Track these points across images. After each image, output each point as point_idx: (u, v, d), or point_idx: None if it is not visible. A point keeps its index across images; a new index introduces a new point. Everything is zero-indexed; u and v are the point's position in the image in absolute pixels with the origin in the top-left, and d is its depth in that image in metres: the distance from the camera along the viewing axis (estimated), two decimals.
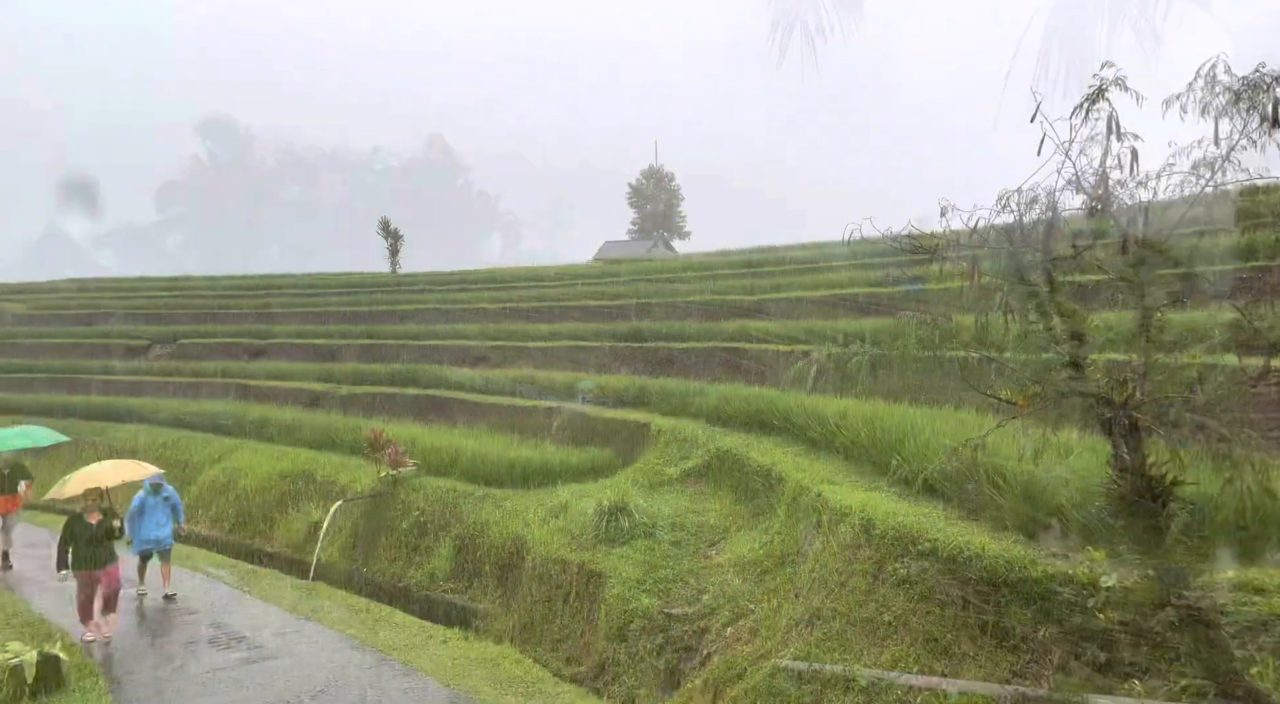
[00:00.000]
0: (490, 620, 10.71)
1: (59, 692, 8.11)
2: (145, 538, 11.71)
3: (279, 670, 8.68)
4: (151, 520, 11.73)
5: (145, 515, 11.73)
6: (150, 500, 11.82)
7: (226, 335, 28.77)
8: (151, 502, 11.82)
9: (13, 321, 34.86)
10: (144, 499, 11.84)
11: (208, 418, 20.69)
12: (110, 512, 10.23)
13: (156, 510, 11.81)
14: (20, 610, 10.98)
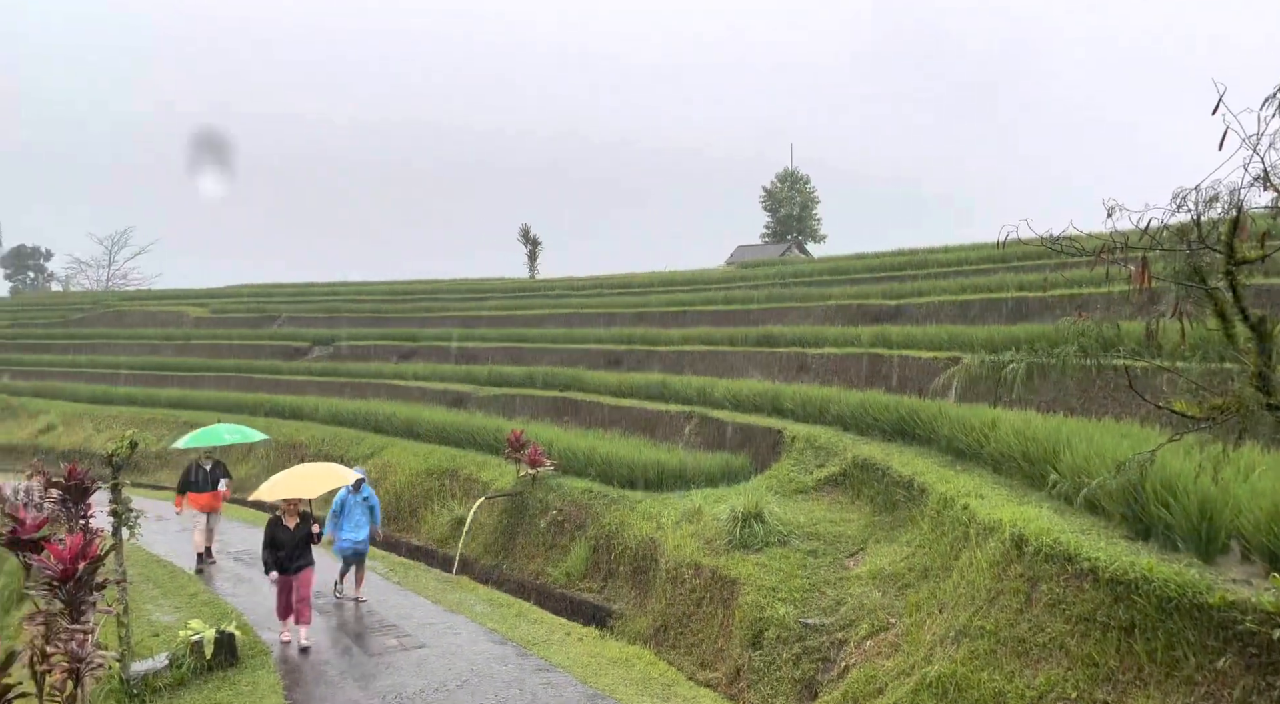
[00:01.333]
0: (625, 621, 10.85)
1: (233, 667, 8.80)
2: (344, 538, 11.43)
3: (428, 659, 9.10)
4: (351, 521, 11.43)
5: (345, 515, 11.46)
6: (350, 499, 11.51)
7: (379, 338, 30.42)
8: (352, 500, 11.50)
9: (194, 324, 38.08)
10: (345, 497, 11.54)
11: (361, 416, 21.91)
12: (308, 516, 10.07)
13: (355, 510, 11.50)
14: (199, 591, 11.95)
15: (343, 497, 11.47)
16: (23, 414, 30.60)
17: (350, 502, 11.42)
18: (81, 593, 7.16)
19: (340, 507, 11.43)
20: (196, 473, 13.68)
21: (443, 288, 38.89)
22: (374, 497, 11.85)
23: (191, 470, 13.76)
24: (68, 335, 41.66)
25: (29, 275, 72.27)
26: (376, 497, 12.03)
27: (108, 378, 32.69)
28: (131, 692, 8.11)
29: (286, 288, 45.00)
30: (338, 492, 11.51)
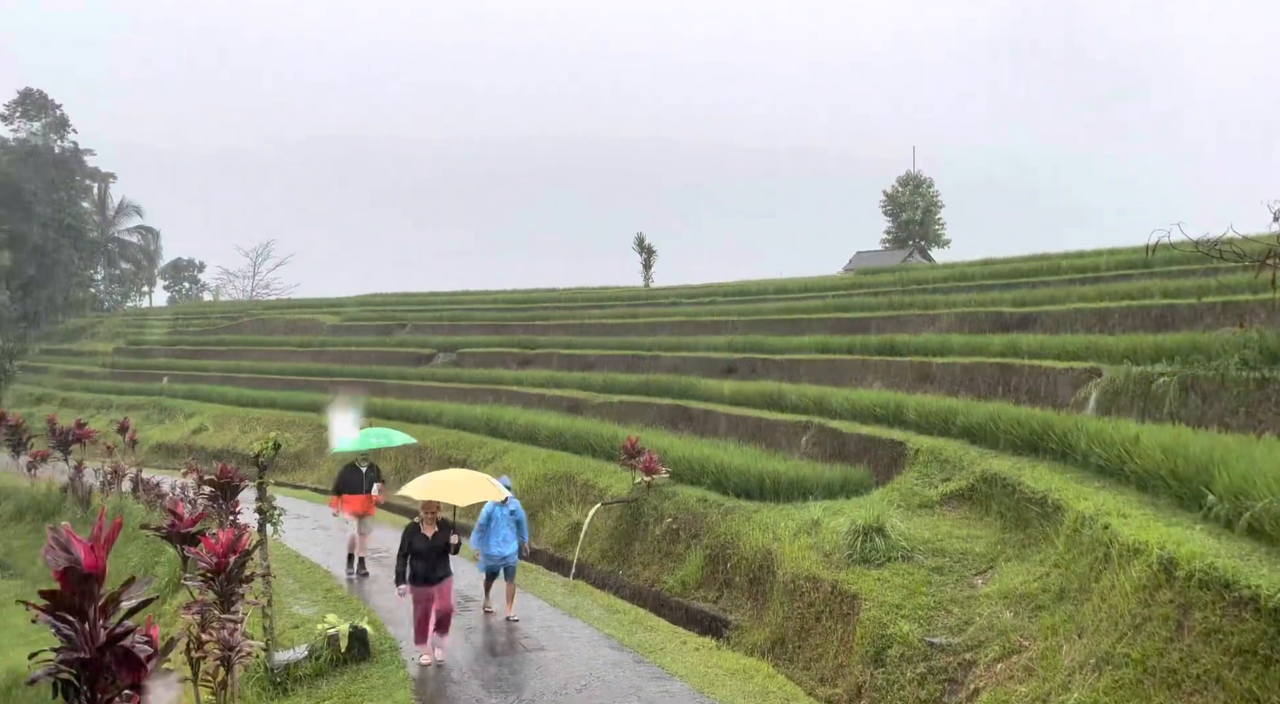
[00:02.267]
0: (741, 632, 10.76)
1: (365, 661, 9.22)
2: (491, 553, 10.90)
3: (548, 662, 9.28)
4: (498, 535, 10.86)
5: (492, 529, 10.90)
6: (498, 512, 10.94)
7: (499, 345, 31.30)
8: (499, 514, 10.94)
9: (328, 331, 40.21)
10: (492, 510, 10.96)
11: (482, 421, 22.58)
12: (447, 524, 9.50)
13: (502, 524, 10.92)
14: (334, 587, 12.58)
15: (490, 509, 10.98)
16: (179, 415, 33.04)
17: (497, 515, 10.94)
18: (232, 585, 7.66)
19: (487, 520, 10.94)
20: (352, 475, 13.38)
21: (559, 296, 39.70)
22: (521, 510, 11.33)
23: (347, 472, 13.47)
24: (218, 342, 44.72)
25: (185, 286, 78.06)
26: (523, 510, 11.51)
27: (252, 382, 34.89)
28: (275, 680, 8.61)
29: (412, 297, 46.91)
30: (483, 505, 10.98)
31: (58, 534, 4.66)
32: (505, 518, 10.92)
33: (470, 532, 11.24)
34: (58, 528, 4.56)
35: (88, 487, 21.95)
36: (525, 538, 11.31)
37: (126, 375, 41.68)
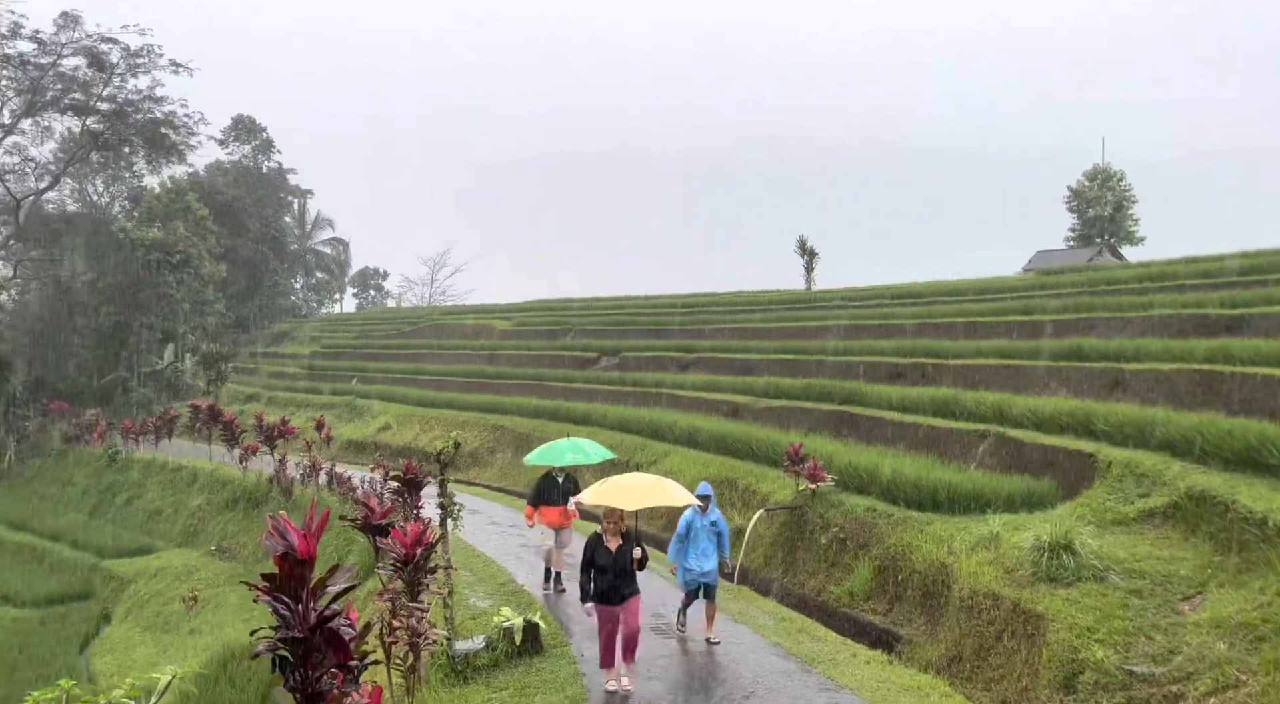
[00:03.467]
0: (914, 647, 10.36)
1: (538, 655, 9.55)
2: (688, 567, 9.90)
3: (714, 667, 9.28)
4: (696, 548, 9.89)
5: (691, 541, 9.94)
6: (698, 523, 9.93)
7: (660, 349, 31.67)
8: (699, 524, 9.92)
9: (500, 336, 42.07)
10: (691, 520, 9.97)
11: (645, 424, 22.91)
12: (631, 536, 8.67)
13: (702, 536, 9.92)
14: (508, 581, 13.11)
15: (689, 519, 9.99)
16: (366, 414, 35.53)
17: (697, 525, 9.91)
18: (419, 575, 8.14)
19: (686, 531, 9.95)
20: (548, 485, 12.42)
21: (719, 300, 39.71)
22: (722, 521, 10.21)
23: (544, 482, 12.46)
24: (401, 345, 47.78)
25: (370, 293, 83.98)
26: (725, 521, 10.36)
27: (431, 384, 37.03)
28: (456, 667, 9.09)
29: (577, 302, 48.28)
30: (683, 513, 10.13)
31: (276, 523, 5.12)
32: (705, 529, 9.93)
33: (668, 545, 10.37)
34: (276, 517, 5.00)
35: (290, 479, 23.99)
36: (726, 552, 10.24)
37: (322, 377, 45.27)
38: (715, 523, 10.06)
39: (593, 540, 8.63)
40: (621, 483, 9.16)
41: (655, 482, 9.31)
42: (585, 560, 8.58)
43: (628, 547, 8.53)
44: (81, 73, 47.97)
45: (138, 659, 17.73)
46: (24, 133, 49.89)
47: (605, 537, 8.54)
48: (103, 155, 52.69)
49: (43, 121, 50.17)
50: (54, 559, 26.76)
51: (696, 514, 9.95)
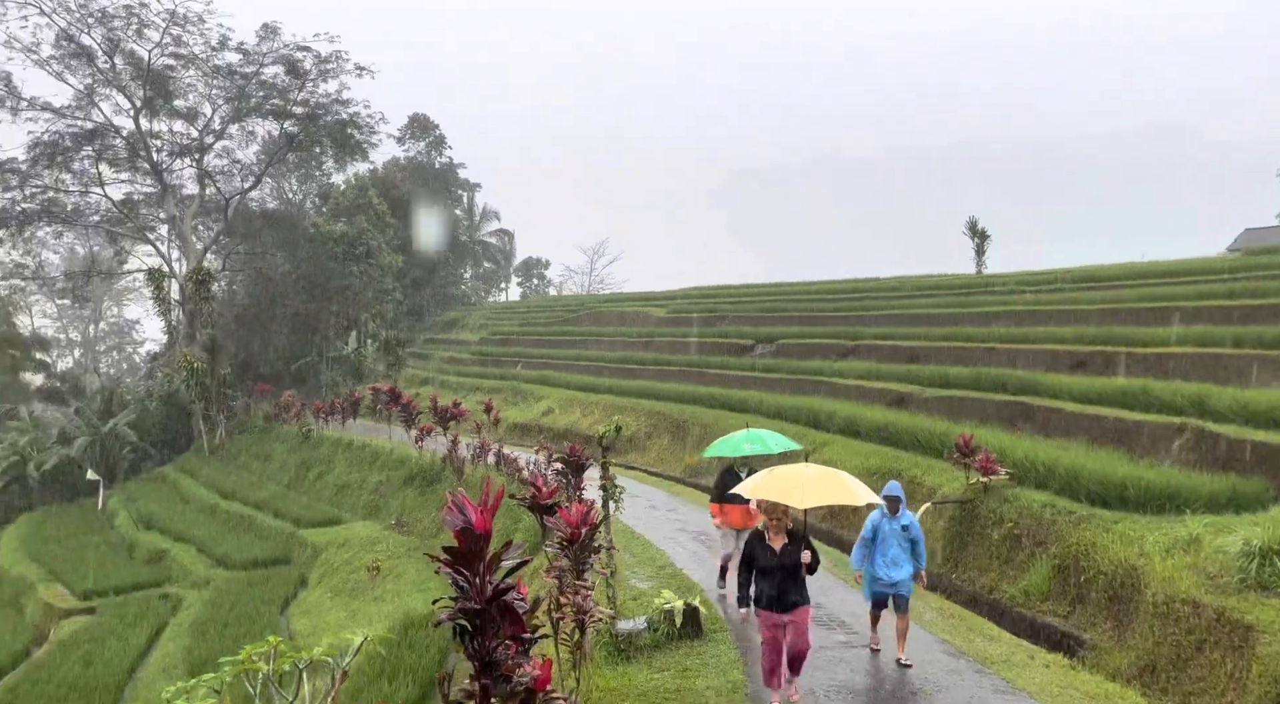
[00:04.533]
0: (1099, 653, 9.69)
1: (698, 638, 9.63)
2: (876, 576, 8.84)
3: (877, 660, 9.04)
4: (885, 555, 8.79)
5: (878, 546, 8.87)
6: (886, 526, 8.83)
7: (819, 337, 31.03)
8: (887, 528, 8.82)
9: (656, 323, 42.55)
10: (879, 523, 8.88)
11: (803, 413, 22.55)
12: (799, 537, 7.73)
13: (891, 541, 8.82)
14: (666, 564, 13.28)
15: (876, 521, 8.91)
16: (530, 398, 36.91)
17: (885, 529, 8.83)
18: (584, 554, 8.38)
19: (872, 534, 8.89)
20: (731, 481, 11.07)
21: (881, 286, 38.42)
22: (916, 525, 9.05)
23: (727, 477, 11.31)
24: (561, 332, 49.28)
25: (533, 282, 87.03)
26: (919, 525, 9.21)
27: (590, 369, 38.00)
28: (619, 646, 9.31)
29: (731, 289, 48.07)
30: (868, 515, 9.12)
31: (455, 499, 5.42)
32: (895, 534, 8.81)
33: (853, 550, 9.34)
34: (455, 493, 5.28)
35: (461, 458, 25.30)
36: (922, 562, 8.99)
37: (489, 362, 47.42)
38: (908, 527, 8.90)
39: (754, 537, 7.84)
40: (790, 475, 7.99)
41: (829, 476, 8.02)
42: (744, 560, 7.79)
43: (795, 547, 7.56)
44: (280, 79, 52.20)
45: (329, 621, 19.26)
46: (231, 137, 54.98)
47: (768, 533, 7.69)
48: (297, 156, 57.19)
49: (247, 126, 55.02)
50: (258, 527, 29.48)
51: (884, 516, 8.86)
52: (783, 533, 7.65)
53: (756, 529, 7.91)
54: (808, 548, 7.63)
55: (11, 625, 24.78)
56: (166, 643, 20.53)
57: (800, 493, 7.66)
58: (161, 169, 51.65)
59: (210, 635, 19.52)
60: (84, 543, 32.35)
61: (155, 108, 50.75)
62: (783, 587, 7.52)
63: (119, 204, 52.60)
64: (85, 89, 49.08)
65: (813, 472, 7.99)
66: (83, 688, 17.75)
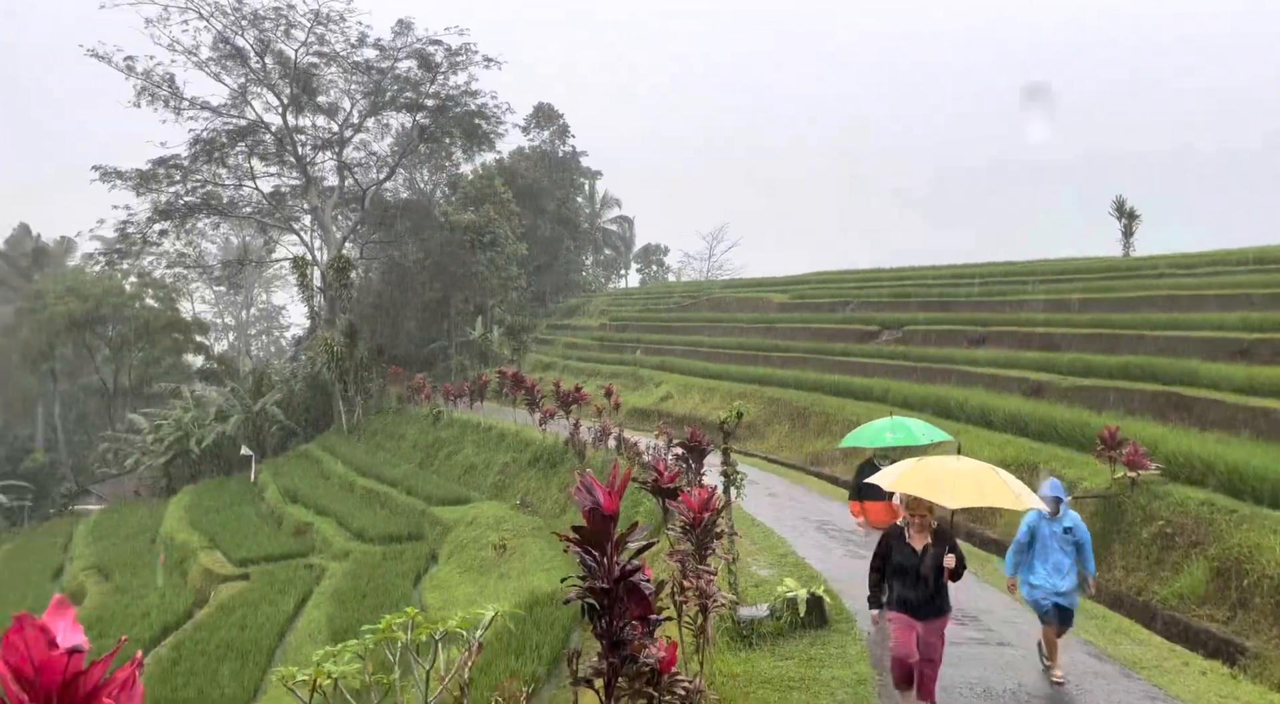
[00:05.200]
0: (1264, 663, 8.97)
1: (822, 628, 9.47)
2: (1035, 585, 7.99)
3: (1012, 658, 8.66)
4: (1046, 561, 7.91)
5: (1038, 552, 8.00)
6: (1046, 529, 7.99)
7: (949, 323, 29.89)
8: (1047, 531, 7.98)
9: (776, 309, 42.04)
10: (1037, 524, 8.05)
11: (931, 401, 21.78)
12: (944, 536, 7.01)
13: (1052, 546, 7.93)
14: (788, 552, 13.13)
15: (1033, 523, 8.08)
16: (649, 383, 37.19)
17: (1045, 532, 7.97)
18: (706, 538, 8.37)
19: (1029, 537, 8.06)
20: (872, 474, 9.81)
21: (1017, 270, 36.60)
22: (1082, 527, 8.08)
23: (867, 471, 10.41)
24: (680, 318, 49.39)
25: (652, 269, 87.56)
26: (1085, 528, 8.19)
27: (709, 355, 37.92)
28: (741, 632, 9.27)
29: (856, 274, 46.91)
30: (1024, 516, 8.25)
31: (584, 480, 5.50)
32: (1057, 537, 7.92)
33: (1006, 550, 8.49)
34: (584, 474, 5.35)
35: (583, 442, 25.75)
36: (1091, 569, 8.09)
37: (609, 347, 48.05)
38: (1071, 529, 7.93)
39: (890, 533, 7.13)
40: (938, 469, 7.11)
41: (983, 473, 7.05)
42: (877, 556, 7.11)
43: (938, 548, 6.81)
44: (412, 73, 54.31)
45: (458, 596, 20.05)
46: (368, 130, 57.71)
47: (909, 530, 6.97)
48: (428, 147, 59.39)
49: (382, 119, 57.56)
50: (392, 503, 30.96)
51: (1043, 518, 7.99)
52: (926, 531, 6.91)
53: (895, 525, 7.20)
54: (952, 551, 6.88)
55: (177, 588, 26.96)
56: (311, 610, 21.87)
57: (950, 491, 6.76)
58: (305, 162, 54.72)
59: (350, 604, 20.66)
60: (238, 514, 34.86)
61: (300, 104, 53.75)
62: (920, 591, 6.83)
63: (268, 196, 56.13)
64: (239, 88, 52.54)
65: (965, 466, 7.07)
66: (239, 649, 19.15)
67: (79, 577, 30.82)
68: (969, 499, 6.85)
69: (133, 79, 50.56)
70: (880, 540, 7.21)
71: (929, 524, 6.95)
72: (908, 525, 7.03)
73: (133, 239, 54.42)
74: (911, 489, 6.92)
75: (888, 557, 7.04)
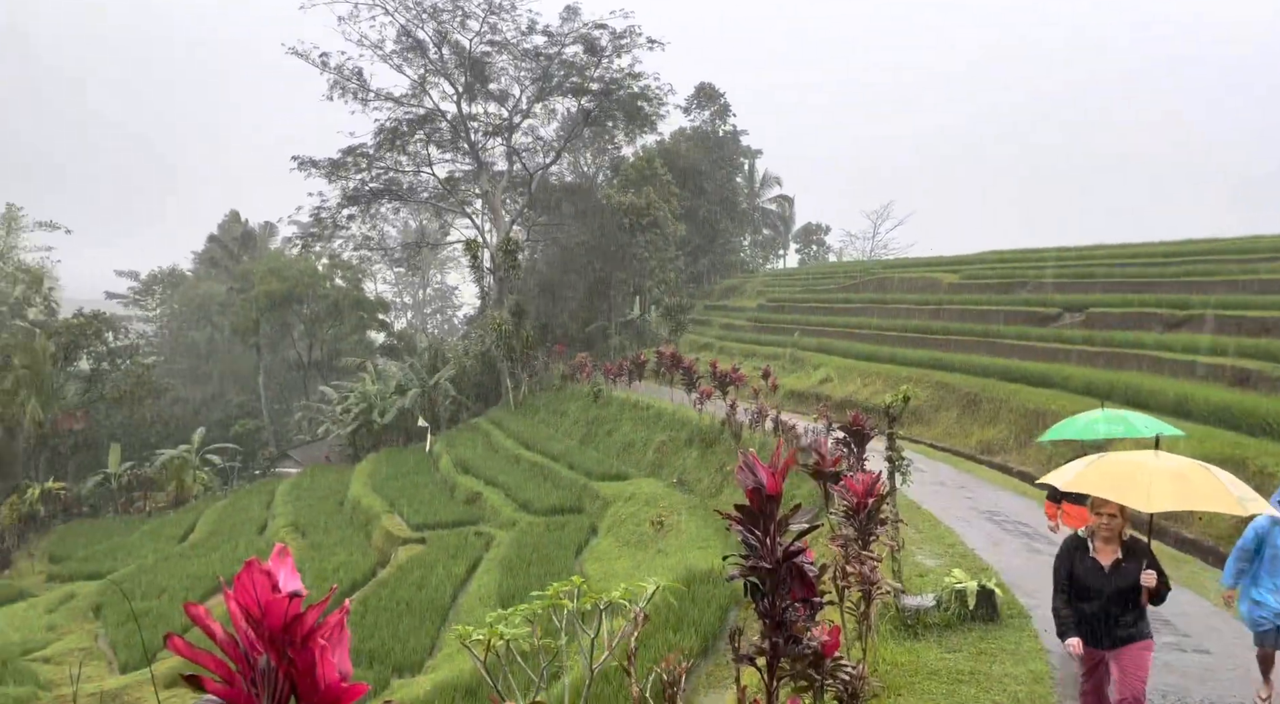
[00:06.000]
0: None
1: (993, 622, 9.05)
2: (1258, 602, 6.89)
3: (1211, 666, 7.96)
4: (1277, 576, 6.82)
5: (1266, 564, 6.90)
6: (1276, 533, 6.88)
7: (1140, 305, 27.59)
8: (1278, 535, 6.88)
9: (946, 290, 40.18)
10: (1265, 532, 6.93)
11: (1119, 389, 20.20)
12: (1140, 550, 5.91)
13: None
14: (956, 543, 12.61)
15: (1263, 529, 6.93)
16: (807, 366, 36.58)
17: (1276, 537, 6.86)
18: (870, 524, 8.18)
19: (1256, 545, 6.96)
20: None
21: (1221, 248, 33.18)
22: None
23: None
24: (841, 299, 48.16)
25: (812, 248, 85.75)
26: None
27: (871, 338, 36.79)
28: (906, 621, 9.01)
29: (1035, 253, 44.05)
30: (1250, 522, 7.04)
31: (746, 459, 5.49)
32: None
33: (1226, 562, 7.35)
34: (746, 454, 5.34)
35: (739, 423, 25.70)
36: None
37: (767, 329, 47.56)
38: None
39: (1072, 545, 6.01)
40: (1131, 465, 5.92)
41: (1191, 470, 5.83)
42: (1060, 574, 6.01)
43: (1133, 563, 5.71)
44: (578, 58, 55.61)
45: (617, 569, 20.58)
46: (535, 116, 59.70)
47: (1094, 541, 5.86)
48: (592, 130, 60.70)
49: (549, 105, 59.39)
50: (555, 477, 32.12)
51: (1274, 524, 6.83)
52: (1116, 542, 5.82)
53: (1076, 534, 6.09)
54: (1151, 566, 5.73)
55: (362, 549, 29.18)
56: (481, 575, 23.10)
57: (1146, 491, 5.53)
58: (477, 148, 57.29)
59: (517, 571, 21.67)
60: (416, 482, 37.23)
61: (474, 92, 56.27)
62: (1108, 614, 5.70)
63: (443, 182, 59.21)
64: (418, 79, 55.63)
65: (1168, 464, 5.87)
66: (417, 607, 20.52)
67: (280, 533, 33.93)
68: (1171, 502, 5.64)
69: (327, 74, 54.59)
70: (1060, 553, 6.12)
71: (1120, 533, 5.84)
72: (1092, 534, 5.94)
73: (325, 223, 58.93)
74: (1095, 489, 5.82)
75: (1072, 571, 5.95)
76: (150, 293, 79.82)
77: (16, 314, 52.99)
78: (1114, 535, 5.83)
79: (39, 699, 18.79)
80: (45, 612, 29.06)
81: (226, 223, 79.41)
